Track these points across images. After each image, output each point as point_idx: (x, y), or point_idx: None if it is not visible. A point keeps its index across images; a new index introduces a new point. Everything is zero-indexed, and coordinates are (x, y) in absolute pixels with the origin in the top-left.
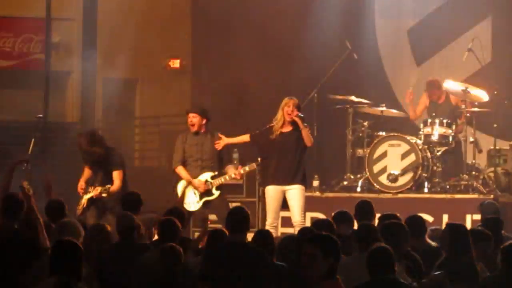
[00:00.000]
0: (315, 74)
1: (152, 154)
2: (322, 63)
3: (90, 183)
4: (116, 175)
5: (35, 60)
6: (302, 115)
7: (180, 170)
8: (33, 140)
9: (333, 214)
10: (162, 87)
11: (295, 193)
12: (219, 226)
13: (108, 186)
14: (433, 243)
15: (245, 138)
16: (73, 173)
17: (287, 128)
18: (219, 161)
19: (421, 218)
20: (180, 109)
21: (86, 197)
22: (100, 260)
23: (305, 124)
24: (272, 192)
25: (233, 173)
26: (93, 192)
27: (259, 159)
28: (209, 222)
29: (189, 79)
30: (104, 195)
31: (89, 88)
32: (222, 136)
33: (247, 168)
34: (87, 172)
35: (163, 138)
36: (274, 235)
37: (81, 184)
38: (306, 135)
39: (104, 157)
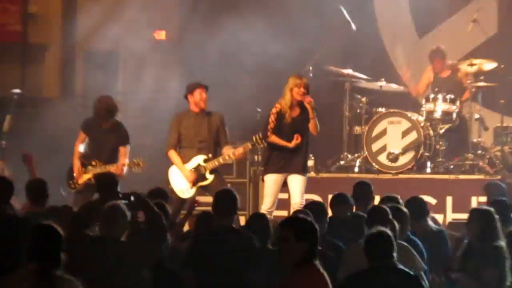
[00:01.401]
0: (310, 46)
1: (137, 131)
2: (318, 34)
3: (92, 157)
4: (124, 152)
5: (12, 32)
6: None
7: (172, 154)
8: (9, 116)
9: (330, 196)
10: (147, 61)
11: (298, 178)
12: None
13: (138, 160)
14: (435, 226)
15: (275, 139)
16: (53, 151)
17: (295, 112)
18: (216, 143)
19: (421, 199)
20: (166, 84)
21: (87, 176)
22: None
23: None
24: (274, 178)
25: (229, 154)
26: (111, 167)
27: (257, 136)
28: (196, 205)
29: (176, 52)
30: (137, 170)
31: (68, 62)
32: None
33: (241, 149)
34: (82, 142)
35: (148, 115)
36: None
37: (77, 152)
38: (315, 125)
39: (116, 129)
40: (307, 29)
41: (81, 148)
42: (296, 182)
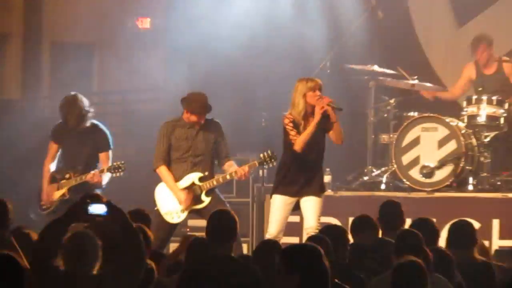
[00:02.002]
0: (328, 37)
1: (116, 140)
2: (338, 23)
3: (66, 169)
4: (104, 158)
5: None
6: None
7: (163, 171)
8: None
9: (350, 219)
10: (128, 54)
11: (313, 200)
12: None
13: (118, 163)
14: (482, 258)
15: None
16: (16, 165)
17: (310, 121)
18: (214, 157)
19: (470, 225)
20: (152, 82)
21: (59, 192)
22: None
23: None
24: (281, 200)
25: (231, 173)
26: (86, 176)
27: (266, 154)
28: (187, 230)
29: (162, 42)
30: (118, 174)
31: (33, 56)
32: None
33: (246, 168)
34: (53, 156)
35: (129, 120)
36: None
37: (45, 170)
38: (339, 131)
39: (91, 132)
40: (321, 16)
41: (52, 166)
42: (311, 203)
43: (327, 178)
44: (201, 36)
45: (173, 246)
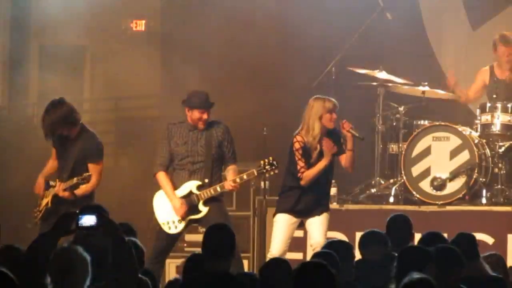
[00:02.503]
0: (333, 40)
1: (108, 150)
2: (344, 25)
3: (55, 176)
4: (93, 169)
5: None
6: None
7: (162, 177)
8: None
9: (358, 234)
10: (121, 58)
11: (318, 219)
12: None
13: (87, 174)
14: (491, 271)
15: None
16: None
17: (322, 143)
18: (217, 163)
19: (471, 236)
20: (146, 87)
21: (46, 199)
22: None
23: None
24: (285, 220)
25: (229, 182)
26: (60, 186)
27: (266, 161)
28: (184, 245)
29: (158, 45)
30: (82, 187)
31: (20, 59)
32: None
33: (244, 176)
34: (51, 165)
35: (123, 128)
36: None
37: (40, 181)
38: (353, 160)
39: (79, 140)
40: (327, 16)
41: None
42: (316, 220)
43: (332, 191)
44: (198, 39)
45: (169, 262)
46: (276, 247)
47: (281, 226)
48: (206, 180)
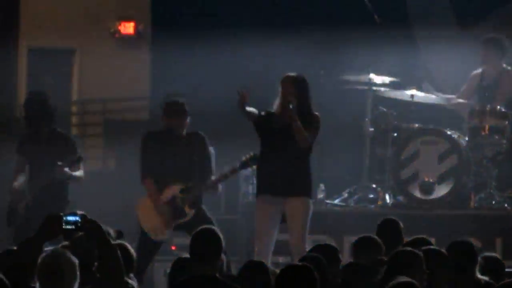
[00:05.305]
0: (321, 45)
1: (95, 153)
2: (332, 29)
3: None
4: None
5: None
6: (293, 105)
7: (149, 184)
8: None
9: (345, 238)
10: (109, 61)
11: (296, 208)
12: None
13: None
14: (485, 278)
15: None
16: None
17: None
18: (197, 170)
19: (469, 244)
20: (135, 91)
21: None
22: None
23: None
24: (264, 204)
25: (213, 180)
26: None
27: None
28: (173, 248)
29: (146, 49)
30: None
31: (8, 61)
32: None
33: (226, 173)
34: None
35: (111, 131)
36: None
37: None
38: (298, 132)
39: (53, 140)
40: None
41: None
42: (294, 214)
43: (320, 194)
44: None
45: (157, 266)
46: (260, 242)
47: (262, 212)
48: (189, 184)
